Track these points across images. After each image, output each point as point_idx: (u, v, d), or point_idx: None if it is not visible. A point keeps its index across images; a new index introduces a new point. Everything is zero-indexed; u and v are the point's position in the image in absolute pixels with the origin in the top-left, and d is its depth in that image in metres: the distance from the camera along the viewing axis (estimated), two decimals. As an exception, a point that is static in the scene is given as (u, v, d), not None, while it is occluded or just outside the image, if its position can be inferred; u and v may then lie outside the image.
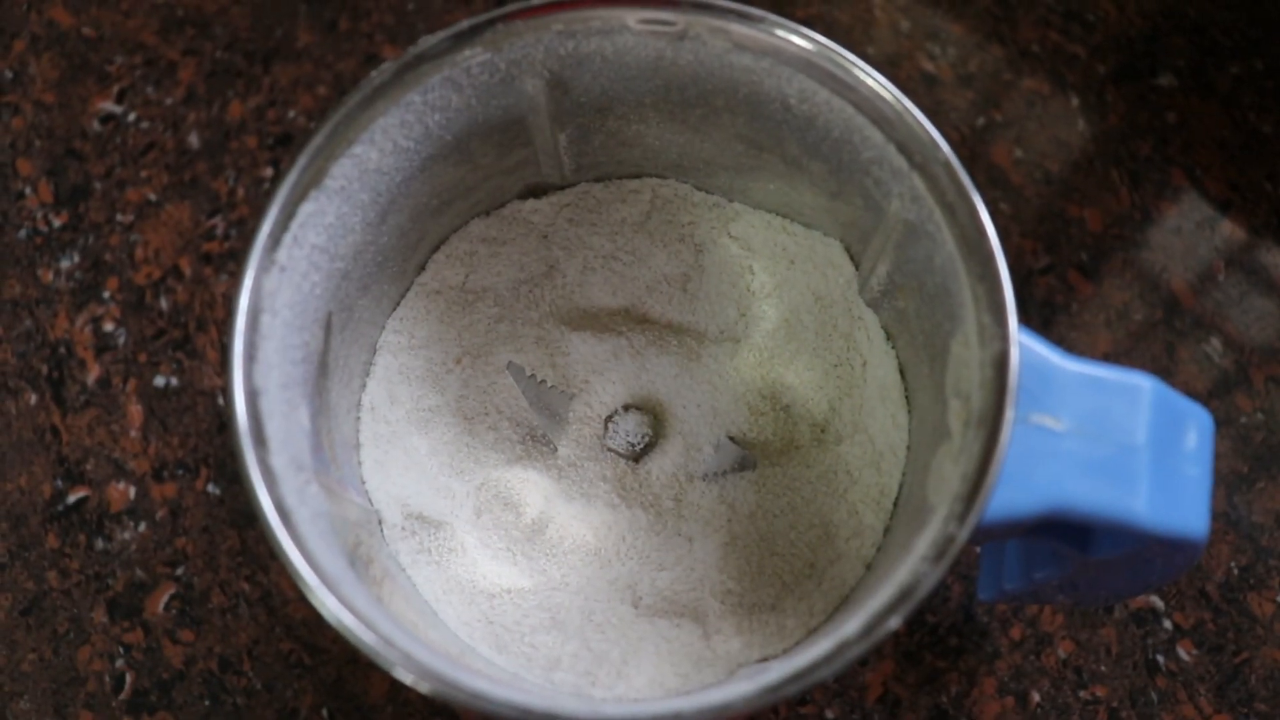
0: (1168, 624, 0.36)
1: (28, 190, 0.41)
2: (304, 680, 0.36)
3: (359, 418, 0.31)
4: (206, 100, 0.42)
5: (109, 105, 0.42)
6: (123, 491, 0.37)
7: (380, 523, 0.31)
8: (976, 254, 0.26)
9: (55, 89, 0.42)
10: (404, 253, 0.31)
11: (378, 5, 0.43)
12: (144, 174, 0.41)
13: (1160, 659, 0.36)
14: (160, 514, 0.37)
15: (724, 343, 0.33)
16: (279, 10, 0.43)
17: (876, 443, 0.31)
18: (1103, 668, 0.36)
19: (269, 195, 0.27)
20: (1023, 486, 0.25)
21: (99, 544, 0.37)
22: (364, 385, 0.32)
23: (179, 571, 0.37)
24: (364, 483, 0.31)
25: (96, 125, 0.41)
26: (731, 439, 0.32)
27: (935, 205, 0.26)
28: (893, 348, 0.31)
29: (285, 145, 0.41)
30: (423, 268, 0.33)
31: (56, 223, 0.40)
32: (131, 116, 0.42)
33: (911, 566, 0.24)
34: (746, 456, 0.32)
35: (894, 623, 0.24)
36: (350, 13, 0.43)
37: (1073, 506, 0.25)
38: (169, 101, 0.42)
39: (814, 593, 0.30)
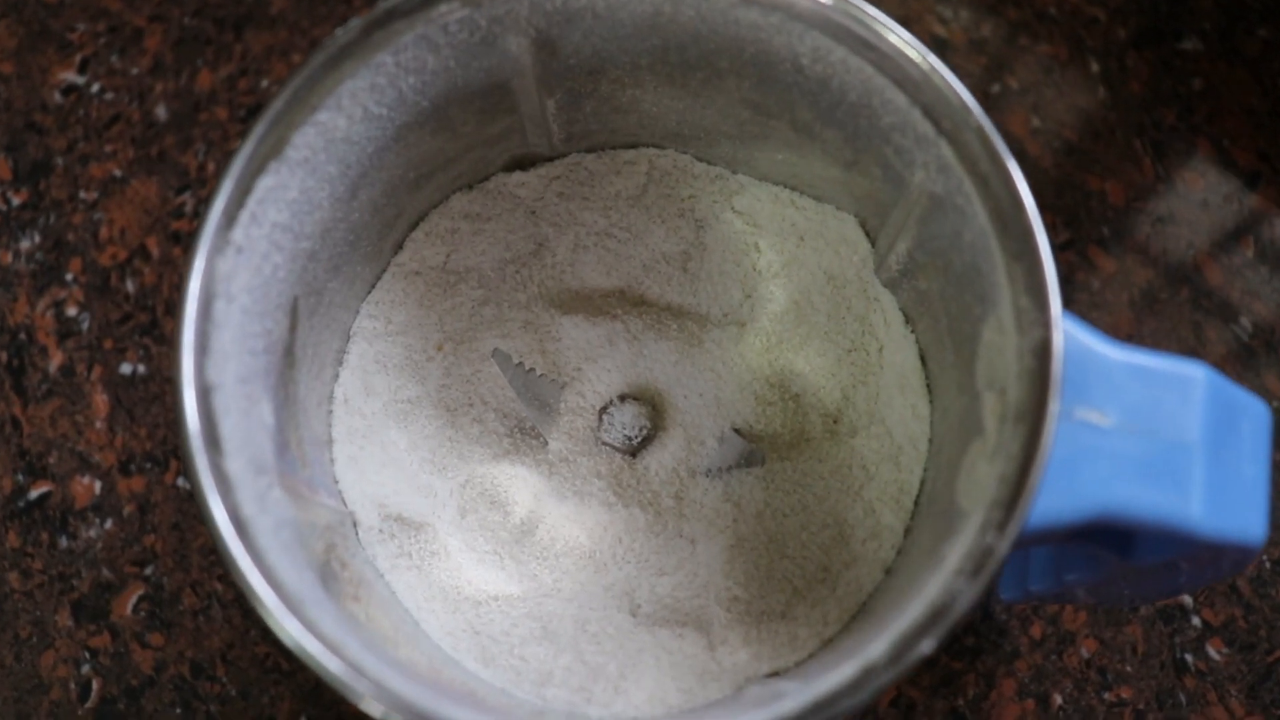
0: (1196, 621, 0.33)
1: None
2: (281, 686, 0.33)
3: (331, 411, 0.28)
4: (174, 70, 0.38)
5: (71, 75, 0.38)
6: (88, 486, 0.34)
7: (355, 525, 0.27)
8: (1013, 230, 0.22)
9: (13, 58, 0.38)
10: (379, 230, 0.28)
11: None
12: (108, 148, 0.37)
13: (1189, 658, 0.33)
14: (128, 509, 0.34)
15: (728, 327, 0.29)
16: None
17: (895, 435, 0.27)
18: (1128, 668, 0.33)
19: (222, 168, 0.23)
20: (1065, 490, 0.22)
21: (63, 542, 0.34)
22: (336, 376, 0.28)
23: (148, 571, 0.33)
24: (337, 482, 0.27)
25: (58, 97, 0.38)
26: (737, 431, 0.29)
27: (966, 176, 0.23)
28: (912, 332, 0.28)
29: (255, 116, 0.37)
30: (400, 247, 0.29)
31: (15, 201, 0.37)
32: (95, 87, 0.38)
33: (944, 581, 0.21)
34: (753, 451, 0.28)
35: (926, 646, 0.20)
36: None
37: (1120, 512, 0.22)
38: (135, 71, 0.38)
39: (828, 599, 0.26)
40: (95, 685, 0.33)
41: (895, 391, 0.27)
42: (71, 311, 0.36)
